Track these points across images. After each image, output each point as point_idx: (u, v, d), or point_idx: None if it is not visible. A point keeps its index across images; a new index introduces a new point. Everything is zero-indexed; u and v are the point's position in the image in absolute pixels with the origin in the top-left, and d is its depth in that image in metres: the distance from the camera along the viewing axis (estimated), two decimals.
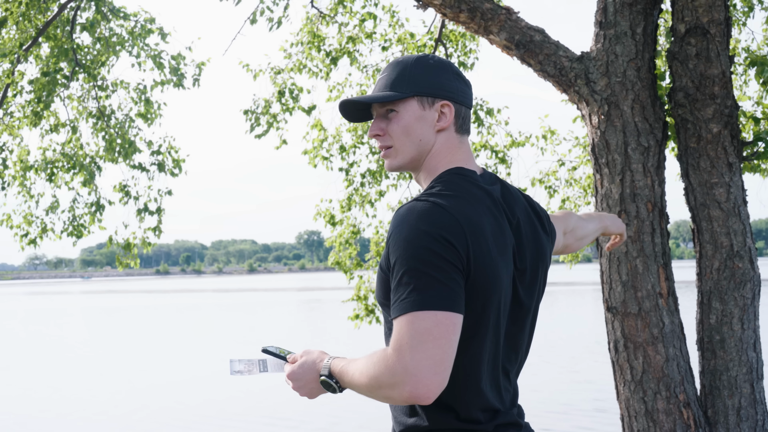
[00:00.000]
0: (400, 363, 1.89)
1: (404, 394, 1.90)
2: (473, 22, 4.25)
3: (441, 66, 2.18)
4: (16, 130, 8.83)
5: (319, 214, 8.92)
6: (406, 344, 1.89)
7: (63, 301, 62.75)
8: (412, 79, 2.14)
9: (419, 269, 1.91)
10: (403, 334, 1.90)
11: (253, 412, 13.28)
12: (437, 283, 1.91)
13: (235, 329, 31.06)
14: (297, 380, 2.15)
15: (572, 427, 11.55)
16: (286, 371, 2.18)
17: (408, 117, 2.13)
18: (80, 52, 8.64)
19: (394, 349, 1.91)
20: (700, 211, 4.10)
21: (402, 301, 1.91)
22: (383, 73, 2.18)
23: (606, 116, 4.12)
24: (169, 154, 9.25)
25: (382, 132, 2.17)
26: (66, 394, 15.94)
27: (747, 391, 4.00)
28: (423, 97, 2.14)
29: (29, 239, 9.34)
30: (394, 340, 1.91)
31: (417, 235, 1.93)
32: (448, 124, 2.16)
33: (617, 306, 4.09)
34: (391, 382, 1.91)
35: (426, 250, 1.92)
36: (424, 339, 1.89)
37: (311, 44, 8.47)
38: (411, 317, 1.90)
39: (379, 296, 2.09)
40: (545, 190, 9.24)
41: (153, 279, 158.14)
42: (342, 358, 2.10)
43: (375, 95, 2.15)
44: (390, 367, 1.91)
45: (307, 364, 2.15)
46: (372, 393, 1.98)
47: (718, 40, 4.03)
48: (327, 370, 2.09)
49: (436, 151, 2.16)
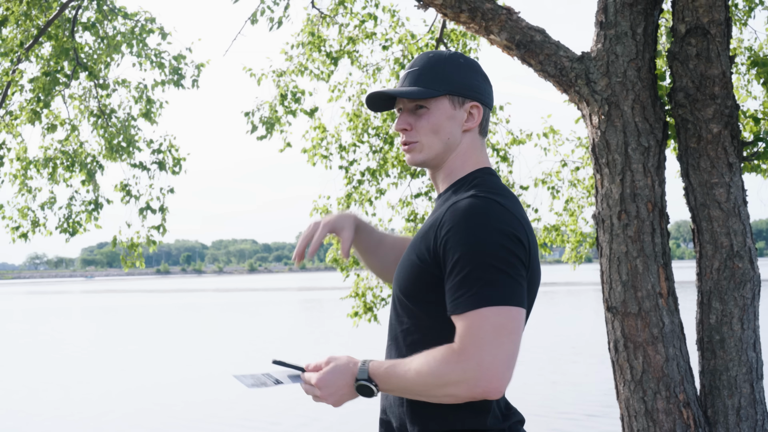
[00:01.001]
0: (474, 359, 1.88)
1: (476, 390, 1.89)
2: (474, 22, 4.25)
3: (471, 67, 2.19)
4: (15, 128, 8.84)
5: (315, 209, 8.91)
6: (480, 339, 1.88)
7: (63, 301, 62.76)
8: (445, 77, 2.15)
9: (492, 265, 1.91)
10: (477, 329, 1.88)
11: (253, 411, 13.29)
12: (509, 279, 1.92)
13: (236, 329, 31.07)
14: (327, 387, 2.03)
15: (572, 426, 11.55)
16: (313, 380, 2.06)
17: (439, 115, 2.14)
18: (81, 51, 8.65)
19: (468, 344, 1.89)
20: (700, 211, 4.11)
21: (472, 295, 1.90)
22: (413, 67, 2.18)
23: (606, 116, 4.12)
24: (169, 152, 9.25)
25: (409, 127, 2.17)
26: (66, 393, 15.95)
27: (747, 391, 4.01)
28: (454, 96, 2.15)
29: (21, 233, 9.33)
30: (466, 335, 1.89)
31: (488, 232, 1.93)
32: (476, 125, 2.17)
33: (617, 306, 4.09)
34: (461, 378, 1.89)
35: (498, 246, 1.92)
36: (499, 334, 1.88)
37: (312, 45, 8.47)
38: (486, 312, 1.89)
39: (408, 288, 2.07)
40: (548, 190, 9.24)
41: (154, 278, 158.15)
42: (377, 360, 2.04)
43: (409, 90, 2.14)
44: (461, 364, 1.89)
45: (338, 370, 2.04)
46: (431, 391, 1.94)
47: (719, 41, 4.03)
48: (366, 373, 2.01)
49: (461, 150, 2.17)
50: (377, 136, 8.70)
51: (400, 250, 2.49)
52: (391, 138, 8.66)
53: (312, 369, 2.08)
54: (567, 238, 9.54)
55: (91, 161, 9.13)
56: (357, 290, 8.75)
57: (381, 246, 2.48)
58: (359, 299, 8.74)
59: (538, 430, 10.99)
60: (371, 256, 2.48)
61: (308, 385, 2.07)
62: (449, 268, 1.94)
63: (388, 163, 8.65)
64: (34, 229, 9.35)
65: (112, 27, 8.69)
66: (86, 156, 9.15)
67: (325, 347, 22.98)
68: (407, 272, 2.08)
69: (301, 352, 21.76)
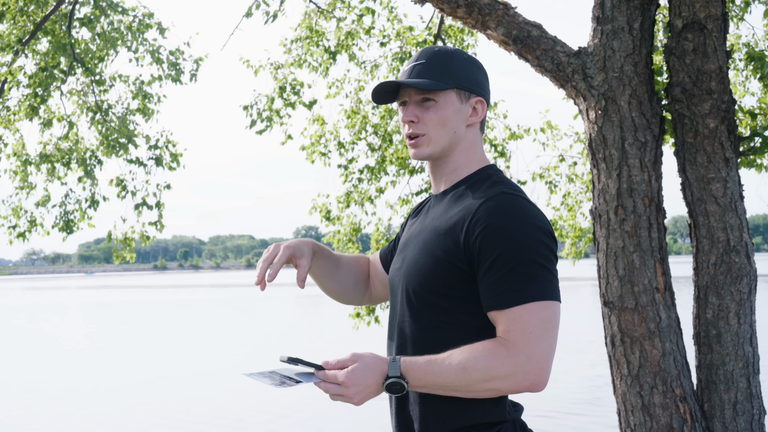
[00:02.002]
0: (524, 353, 1.93)
1: (524, 383, 1.94)
2: (471, 17, 4.25)
3: (476, 63, 2.23)
4: (12, 124, 8.82)
5: (315, 208, 8.90)
6: (529, 333, 1.93)
7: (60, 297, 62.70)
8: (453, 71, 2.17)
9: (534, 260, 1.96)
10: (526, 324, 1.93)
11: (254, 408, 13.29)
12: (549, 274, 1.98)
13: (233, 325, 31.06)
14: (356, 385, 1.98)
15: (569, 421, 11.57)
16: (340, 377, 1.98)
17: (447, 108, 2.16)
18: (78, 47, 8.64)
19: (517, 338, 1.93)
20: (697, 206, 4.11)
21: (518, 291, 1.95)
22: (419, 60, 2.20)
23: (603, 111, 4.13)
24: (166, 148, 9.24)
25: (417, 119, 2.18)
26: (63, 389, 15.94)
27: (743, 385, 4.02)
28: (461, 90, 2.18)
29: (18, 233, 9.31)
30: (514, 330, 1.94)
31: (529, 228, 1.99)
32: (479, 120, 2.21)
33: (614, 301, 4.10)
34: (510, 372, 1.93)
35: (538, 242, 1.98)
36: (547, 328, 1.94)
37: (310, 39, 8.46)
38: (533, 307, 1.94)
39: (431, 284, 2.07)
40: (546, 185, 9.25)
41: (151, 274, 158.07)
42: (407, 357, 2.03)
43: (422, 81, 2.15)
44: (511, 358, 1.93)
45: (368, 367, 2.00)
46: (474, 386, 1.96)
47: (715, 36, 4.04)
48: (398, 370, 1.99)
49: (465, 145, 2.20)
50: (375, 133, 8.70)
51: (357, 270, 2.51)
52: (390, 135, 8.65)
53: (334, 366, 2.02)
54: (565, 233, 9.55)
55: (90, 156, 9.12)
56: None
57: (338, 269, 2.47)
58: None
59: (535, 424, 11.00)
60: (329, 280, 2.46)
61: (332, 383, 2.00)
62: (488, 265, 1.98)
63: (386, 161, 8.64)
64: (31, 229, 9.34)
65: (109, 22, 8.68)
66: (85, 152, 9.14)
67: (322, 342, 23.00)
68: (429, 268, 2.08)
69: (299, 347, 21.77)
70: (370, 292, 2.55)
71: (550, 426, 11.19)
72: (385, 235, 8.99)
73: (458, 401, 2.02)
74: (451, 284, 2.04)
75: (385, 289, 2.51)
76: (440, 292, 2.06)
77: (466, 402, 2.02)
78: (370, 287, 2.54)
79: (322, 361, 2.05)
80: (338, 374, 1.99)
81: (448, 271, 2.04)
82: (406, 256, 2.20)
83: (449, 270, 2.04)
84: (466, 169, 2.20)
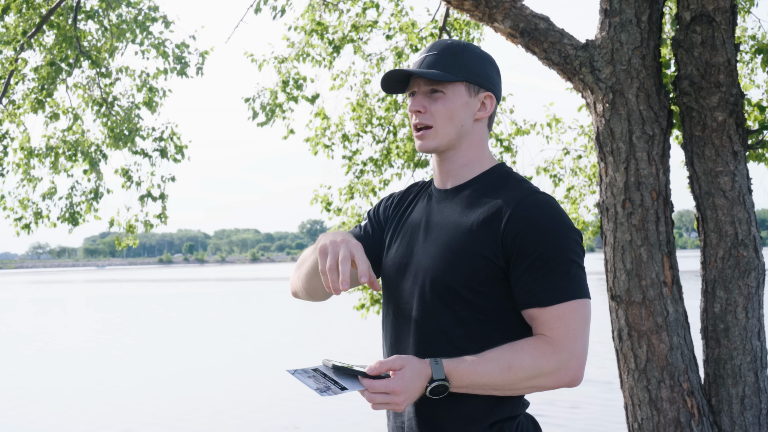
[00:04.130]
0: (567, 349, 1.98)
1: (565, 379, 1.99)
2: (477, 10, 4.23)
3: (487, 58, 2.22)
4: (18, 117, 8.83)
5: (316, 198, 8.89)
6: (573, 330, 1.99)
7: (66, 290, 62.83)
8: (464, 64, 2.16)
9: (573, 260, 2.02)
10: (569, 321, 1.99)
11: (256, 405, 13.31)
12: (583, 273, 2.06)
13: (239, 319, 31.10)
14: (406, 392, 1.94)
15: (575, 414, 11.57)
16: (393, 386, 1.92)
17: (455, 100, 2.15)
18: (84, 39, 8.63)
19: (561, 335, 1.98)
20: (705, 199, 4.09)
21: (560, 288, 1.99)
22: (430, 52, 2.19)
23: (611, 104, 4.11)
24: (171, 140, 9.25)
25: (424, 110, 2.17)
26: (68, 384, 15.98)
27: (751, 379, 4.00)
28: (471, 84, 2.17)
29: (24, 224, 9.33)
30: (558, 327, 1.98)
31: (567, 228, 2.04)
32: (487, 115, 2.20)
33: (621, 294, 4.08)
34: (555, 368, 1.98)
35: (575, 242, 2.04)
36: (585, 325, 2.01)
37: (315, 32, 8.44)
38: (574, 304, 2.00)
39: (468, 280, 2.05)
40: (550, 178, 9.24)
41: (156, 268, 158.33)
42: (450, 359, 1.99)
43: (430, 72, 2.14)
44: (556, 355, 1.98)
45: (415, 372, 1.95)
46: (518, 384, 1.99)
47: (724, 28, 4.01)
48: (442, 372, 1.96)
49: (473, 140, 2.19)
50: (381, 126, 8.68)
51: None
52: (396, 128, 8.64)
53: (379, 370, 1.94)
54: None
55: (95, 150, 9.13)
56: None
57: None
58: (366, 291, 8.73)
59: (541, 419, 10.99)
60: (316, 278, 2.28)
61: (380, 393, 1.93)
62: (528, 262, 2.00)
63: (392, 153, 8.63)
64: (37, 221, 9.35)
65: (116, 15, 8.67)
66: (90, 145, 9.15)
67: (328, 336, 23.01)
68: (462, 263, 2.06)
69: (305, 341, 21.80)
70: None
71: (557, 420, 11.19)
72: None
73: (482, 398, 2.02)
74: (485, 280, 2.05)
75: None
76: (474, 288, 2.05)
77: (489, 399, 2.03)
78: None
79: (367, 368, 1.95)
80: (389, 383, 1.92)
81: (484, 267, 2.04)
82: (416, 249, 2.16)
83: (485, 266, 2.04)
84: (478, 166, 2.19)
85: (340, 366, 1.95)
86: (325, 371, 1.99)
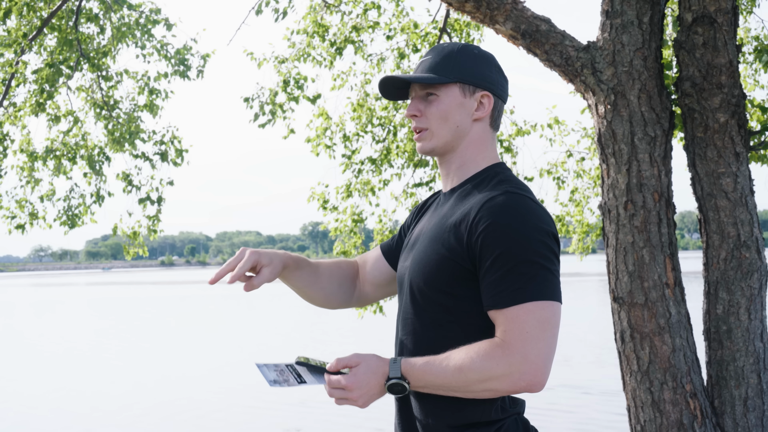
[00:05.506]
0: (519, 353, 1.91)
1: (520, 384, 1.92)
2: (479, 12, 4.23)
3: (484, 57, 2.21)
4: (18, 120, 8.82)
5: (313, 196, 8.88)
6: (525, 333, 1.92)
7: (67, 293, 62.82)
8: (457, 66, 2.16)
9: (534, 261, 1.94)
10: (523, 324, 1.92)
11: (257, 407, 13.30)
12: (549, 274, 1.96)
13: (241, 321, 31.10)
14: (360, 388, 1.99)
15: (578, 417, 11.55)
16: (344, 382, 1.99)
17: (448, 102, 2.15)
18: (84, 43, 8.63)
19: (513, 338, 1.92)
20: (707, 201, 4.09)
21: (516, 290, 1.93)
22: (427, 56, 2.21)
23: (612, 106, 4.10)
24: (171, 143, 9.24)
25: (419, 113, 2.18)
26: (71, 387, 15.97)
27: (754, 381, 3.99)
28: (465, 84, 2.16)
29: (17, 224, 9.31)
30: (511, 330, 1.93)
31: (529, 229, 1.97)
32: (486, 114, 2.19)
33: (624, 296, 4.07)
34: (506, 372, 1.92)
35: (540, 243, 1.96)
36: (543, 328, 1.93)
37: (316, 33, 8.44)
38: (530, 306, 1.93)
39: (435, 281, 2.07)
40: (553, 181, 9.23)
41: (158, 270, 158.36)
42: (407, 358, 2.03)
43: (419, 75, 2.16)
44: (506, 358, 1.92)
45: (370, 369, 2.01)
46: (471, 387, 1.96)
47: (726, 29, 4.01)
48: (398, 371, 2.00)
49: (472, 141, 2.19)
50: (381, 126, 8.68)
51: (340, 274, 2.47)
52: (396, 128, 8.64)
53: (336, 366, 2.02)
54: (573, 229, 9.53)
55: (98, 153, 9.13)
56: None
57: (318, 276, 2.44)
58: None
59: (543, 421, 11.00)
60: (310, 288, 2.43)
61: (335, 388, 2.01)
62: (488, 263, 1.96)
63: (392, 153, 8.63)
64: (32, 222, 9.34)
65: (119, 17, 8.67)
66: (93, 148, 9.15)
67: (328, 338, 23.00)
68: (434, 265, 2.08)
69: (306, 343, 21.78)
70: (359, 294, 2.51)
71: (558, 422, 11.18)
72: (390, 227, 8.97)
73: (457, 399, 2.02)
74: (453, 282, 2.03)
75: (376, 290, 2.49)
76: (443, 290, 2.05)
77: (464, 400, 2.01)
78: (358, 288, 2.51)
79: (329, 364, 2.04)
80: (341, 379, 1.99)
81: (452, 269, 2.03)
82: (413, 253, 2.19)
83: (452, 268, 2.03)
84: (474, 166, 2.19)
85: (304, 362, 2.04)
86: (296, 367, 2.07)
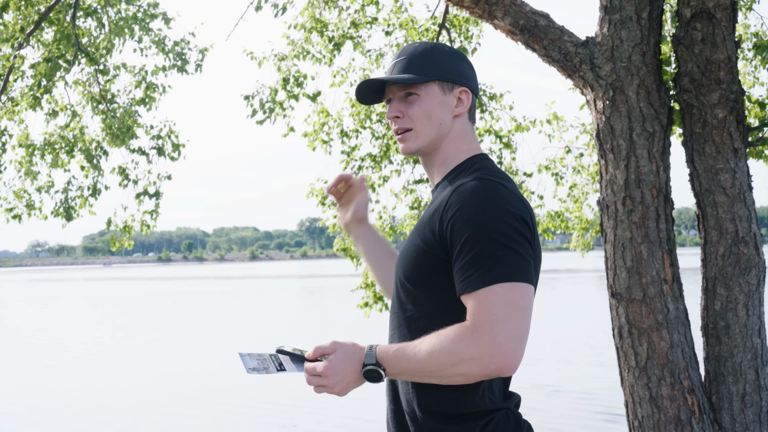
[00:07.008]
0: (487, 335, 1.88)
1: (490, 367, 1.90)
2: (477, 7, 4.22)
3: (457, 54, 2.23)
4: (15, 114, 8.81)
5: (312, 192, 8.87)
6: (494, 315, 1.89)
7: (65, 288, 62.80)
8: (434, 64, 2.17)
9: (500, 242, 1.92)
10: (490, 305, 1.90)
11: (255, 402, 13.30)
12: (517, 256, 1.93)
13: (238, 317, 31.09)
14: (335, 375, 2.00)
15: (575, 412, 11.56)
16: (319, 368, 2.02)
17: (430, 101, 2.16)
18: (82, 37, 8.61)
19: (481, 320, 1.90)
20: (705, 196, 4.09)
21: (483, 273, 1.91)
22: (400, 57, 2.21)
23: (611, 101, 4.10)
24: (168, 138, 9.23)
25: (401, 114, 2.18)
26: (68, 383, 15.97)
27: (752, 377, 4.00)
28: (444, 82, 2.17)
29: (15, 214, 9.32)
30: (479, 312, 1.90)
31: (496, 212, 1.95)
32: (465, 110, 2.20)
33: (621, 292, 4.07)
34: (475, 355, 1.89)
35: (507, 226, 1.94)
36: (512, 310, 1.90)
37: (314, 29, 8.42)
38: (497, 288, 1.91)
39: (413, 274, 2.08)
40: (552, 176, 9.23)
41: (155, 266, 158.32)
42: (383, 344, 2.04)
43: (399, 76, 2.16)
44: (475, 340, 1.89)
45: (346, 357, 2.02)
46: (443, 371, 1.94)
47: (724, 25, 4.00)
48: (373, 357, 2.00)
49: (453, 136, 2.20)
50: (380, 122, 8.67)
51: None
52: None
53: (314, 354, 2.04)
54: (572, 224, 9.54)
55: (95, 147, 9.12)
56: (366, 281, 8.71)
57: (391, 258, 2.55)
58: (369, 290, 8.71)
59: (541, 416, 11.01)
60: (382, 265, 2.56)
61: (312, 375, 2.03)
62: (457, 249, 1.96)
63: (391, 149, 8.62)
64: (30, 212, 9.34)
65: (116, 11, 8.65)
66: (91, 142, 9.14)
67: (328, 333, 23.00)
68: (411, 258, 2.09)
69: (304, 337, 21.79)
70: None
71: (556, 419, 11.19)
72: (389, 224, 8.97)
73: (445, 391, 2.01)
74: (432, 273, 2.04)
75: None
76: (422, 282, 2.06)
77: (451, 390, 2.01)
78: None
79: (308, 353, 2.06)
80: (317, 365, 2.01)
81: (428, 260, 2.04)
82: (401, 249, 2.23)
83: (429, 259, 2.04)
84: (455, 160, 2.19)
85: (284, 351, 2.08)
86: (279, 356, 2.10)
